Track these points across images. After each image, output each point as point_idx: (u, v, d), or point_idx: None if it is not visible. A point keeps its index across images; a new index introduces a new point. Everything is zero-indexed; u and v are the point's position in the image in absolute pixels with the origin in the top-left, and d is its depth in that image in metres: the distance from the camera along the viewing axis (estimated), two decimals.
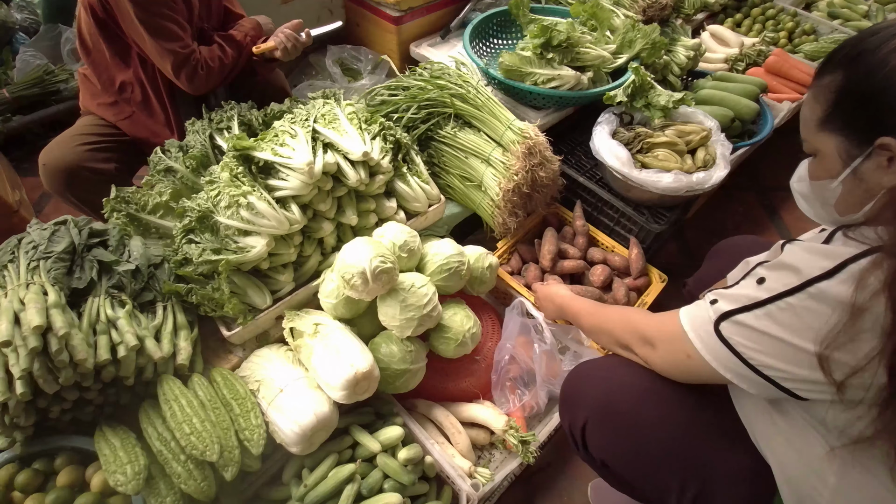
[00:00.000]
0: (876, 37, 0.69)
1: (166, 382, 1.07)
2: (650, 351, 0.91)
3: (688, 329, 0.81)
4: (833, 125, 0.73)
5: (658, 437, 0.88)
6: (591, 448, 0.96)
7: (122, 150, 1.60)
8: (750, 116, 1.88)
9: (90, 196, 1.52)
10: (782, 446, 0.81)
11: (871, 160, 0.70)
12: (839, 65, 0.72)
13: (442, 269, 1.33)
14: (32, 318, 0.91)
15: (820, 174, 0.77)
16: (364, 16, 2.22)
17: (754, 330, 0.72)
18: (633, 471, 0.92)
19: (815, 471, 0.76)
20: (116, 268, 1.12)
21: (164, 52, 1.39)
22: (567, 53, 1.73)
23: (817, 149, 0.77)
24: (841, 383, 0.65)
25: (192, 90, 1.49)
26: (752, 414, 0.86)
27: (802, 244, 0.73)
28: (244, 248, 1.18)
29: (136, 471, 0.96)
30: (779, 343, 0.70)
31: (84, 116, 1.63)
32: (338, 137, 1.32)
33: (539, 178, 1.50)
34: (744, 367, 0.74)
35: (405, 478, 1.13)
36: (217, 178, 1.22)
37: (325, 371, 1.13)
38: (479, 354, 1.43)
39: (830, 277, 0.66)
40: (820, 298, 0.66)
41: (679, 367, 0.85)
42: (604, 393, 0.94)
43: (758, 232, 2.23)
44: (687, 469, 0.86)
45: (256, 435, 1.06)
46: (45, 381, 0.93)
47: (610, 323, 1.04)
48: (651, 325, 0.92)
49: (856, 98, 0.70)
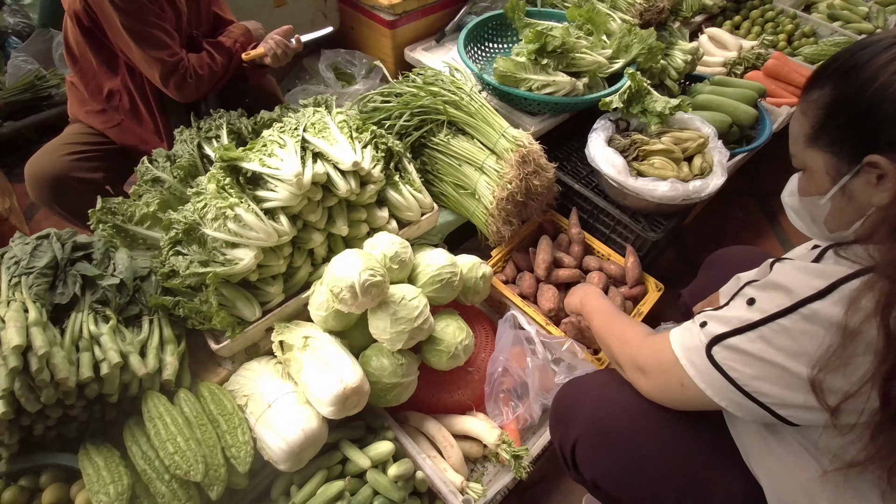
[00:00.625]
0: (866, 51, 0.67)
1: (151, 399, 1.05)
2: (641, 378, 0.89)
3: (680, 356, 0.79)
4: (821, 141, 0.71)
5: (651, 457, 0.86)
6: (581, 467, 0.94)
7: (111, 158, 1.58)
8: (748, 122, 1.86)
9: (78, 206, 1.50)
10: (775, 468, 0.79)
11: (859, 178, 0.68)
12: (828, 80, 0.70)
13: (434, 281, 1.31)
14: (12, 338, 0.89)
15: (809, 190, 0.76)
16: (358, 19, 2.20)
17: (748, 354, 0.70)
18: (625, 491, 0.90)
19: (808, 494, 0.74)
20: (101, 282, 1.10)
21: (152, 61, 1.37)
22: (562, 59, 1.70)
23: (806, 164, 0.75)
24: (835, 408, 0.64)
25: (182, 98, 1.47)
26: (746, 435, 0.84)
27: (793, 263, 0.71)
28: (232, 261, 1.16)
29: (118, 491, 0.94)
30: (773, 368, 0.68)
31: (72, 125, 1.60)
32: (328, 147, 1.30)
33: (533, 186, 1.48)
34: (738, 395, 0.72)
35: (395, 494, 1.12)
36: (204, 189, 1.20)
37: (315, 386, 1.11)
38: (473, 366, 1.41)
39: (823, 298, 0.64)
40: (813, 320, 0.65)
41: (672, 395, 0.83)
42: (596, 411, 0.92)
43: (757, 238, 2.21)
44: (680, 490, 0.85)
45: (243, 452, 1.05)
46: (27, 399, 0.91)
47: (610, 338, 1.02)
48: (644, 352, 0.89)
49: (845, 114, 0.68)
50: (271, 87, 1.83)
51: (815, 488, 0.73)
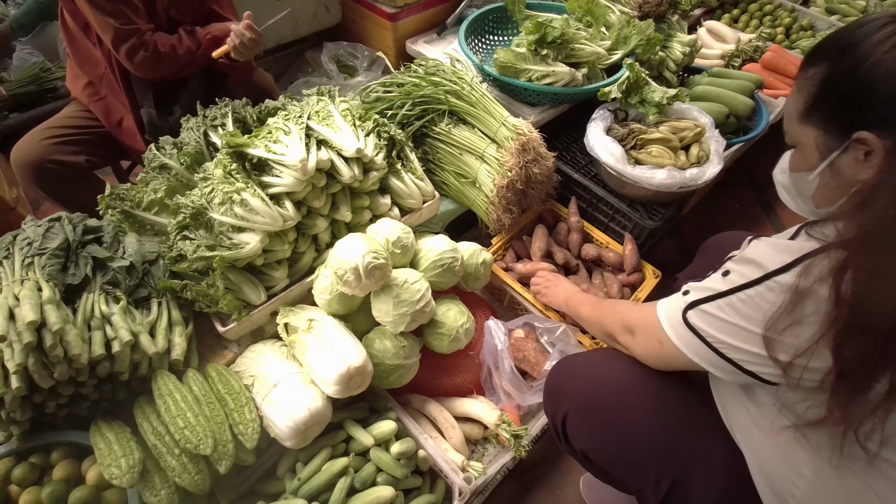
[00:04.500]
0: (861, 29, 0.69)
1: (161, 378, 1.08)
2: (630, 339, 0.96)
3: (662, 318, 0.87)
4: (814, 118, 0.74)
5: (636, 427, 0.91)
6: (571, 440, 0.98)
7: (94, 143, 1.59)
8: (745, 113, 1.88)
9: (63, 192, 1.52)
10: (757, 437, 0.82)
11: (848, 154, 0.70)
12: (824, 57, 0.73)
13: (435, 266, 1.34)
14: (27, 314, 0.92)
15: (799, 166, 0.78)
16: (360, 12, 2.22)
17: (717, 318, 0.77)
18: (612, 461, 0.94)
19: (790, 462, 0.77)
20: (111, 264, 1.13)
21: (105, 26, 1.39)
22: (562, 50, 1.73)
23: (798, 140, 0.78)
24: (787, 364, 0.69)
25: (134, 69, 1.46)
26: (730, 406, 0.88)
27: (768, 240, 0.75)
28: (238, 245, 1.19)
29: (130, 464, 0.97)
30: (737, 329, 0.74)
31: (66, 108, 1.63)
32: (332, 134, 1.33)
33: (533, 174, 1.51)
34: (710, 353, 0.78)
35: (398, 471, 1.15)
36: (211, 174, 1.22)
37: (319, 366, 1.14)
38: (473, 350, 1.43)
39: (787, 271, 0.69)
40: (776, 290, 0.70)
41: (654, 353, 0.90)
42: (586, 386, 0.97)
43: (753, 227, 2.24)
44: (663, 458, 0.88)
45: (250, 429, 1.08)
46: (41, 376, 0.94)
47: (601, 314, 1.10)
48: (633, 315, 0.97)
49: (837, 91, 0.71)
50: (268, 84, 1.84)
51: (797, 455, 0.76)
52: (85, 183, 1.59)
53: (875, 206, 0.63)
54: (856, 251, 0.63)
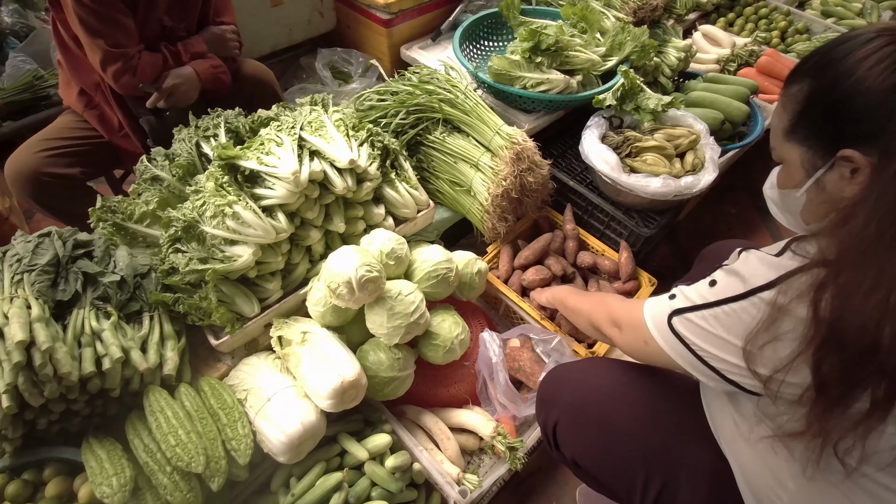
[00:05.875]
0: (844, 46, 0.69)
1: (152, 393, 1.07)
2: (617, 332, 0.96)
3: (648, 319, 0.87)
4: (798, 135, 0.74)
5: (624, 435, 0.91)
6: (561, 447, 0.99)
7: (88, 153, 1.59)
8: (740, 118, 1.88)
9: (60, 204, 1.51)
10: (742, 447, 0.82)
11: (833, 171, 0.70)
12: (807, 74, 0.72)
13: (430, 276, 1.33)
14: (16, 333, 0.91)
15: (786, 183, 0.78)
16: (354, 18, 2.21)
17: (700, 328, 0.77)
18: (601, 468, 0.95)
19: (775, 474, 0.77)
20: (101, 279, 1.12)
21: (94, 47, 1.40)
22: (556, 57, 1.72)
23: (784, 158, 0.78)
24: (767, 378, 0.69)
25: (118, 88, 1.48)
26: (717, 414, 0.88)
27: (756, 254, 0.75)
28: (231, 258, 1.18)
29: (121, 483, 0.96)
30: (719, 340, 0.75)
31: (59, 118, 1.62)
32: (324, 145, 1.32)
33: (528, 182, 1.50)
34: (694, 359, 0.79)
35: (393, 485, 1.14)
36: (202, 187, 1.22)
37: (313, 380, 1.13)
38: (469, 360, 1.43)
39: (770, 288, 0.69)
40: (758, 306, 0.70)
41: (639, 350, 0.91)
42: (575, 394, 0.98)
43: (750, 234, 2.23)
44: (651, 466, 0.88)
45: (244, 445, 1.07)
46: (31, 394, 0.93)
47: (587, 304, 1.12)
48: (621, 310, 0.97)
49: (821, 108, 0.70)
50: (268, 77, 1.82)
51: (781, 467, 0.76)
52: (78, 194, 1.59)
53: (855, 222, 0.63)
54: (835, 270, 0.62)
